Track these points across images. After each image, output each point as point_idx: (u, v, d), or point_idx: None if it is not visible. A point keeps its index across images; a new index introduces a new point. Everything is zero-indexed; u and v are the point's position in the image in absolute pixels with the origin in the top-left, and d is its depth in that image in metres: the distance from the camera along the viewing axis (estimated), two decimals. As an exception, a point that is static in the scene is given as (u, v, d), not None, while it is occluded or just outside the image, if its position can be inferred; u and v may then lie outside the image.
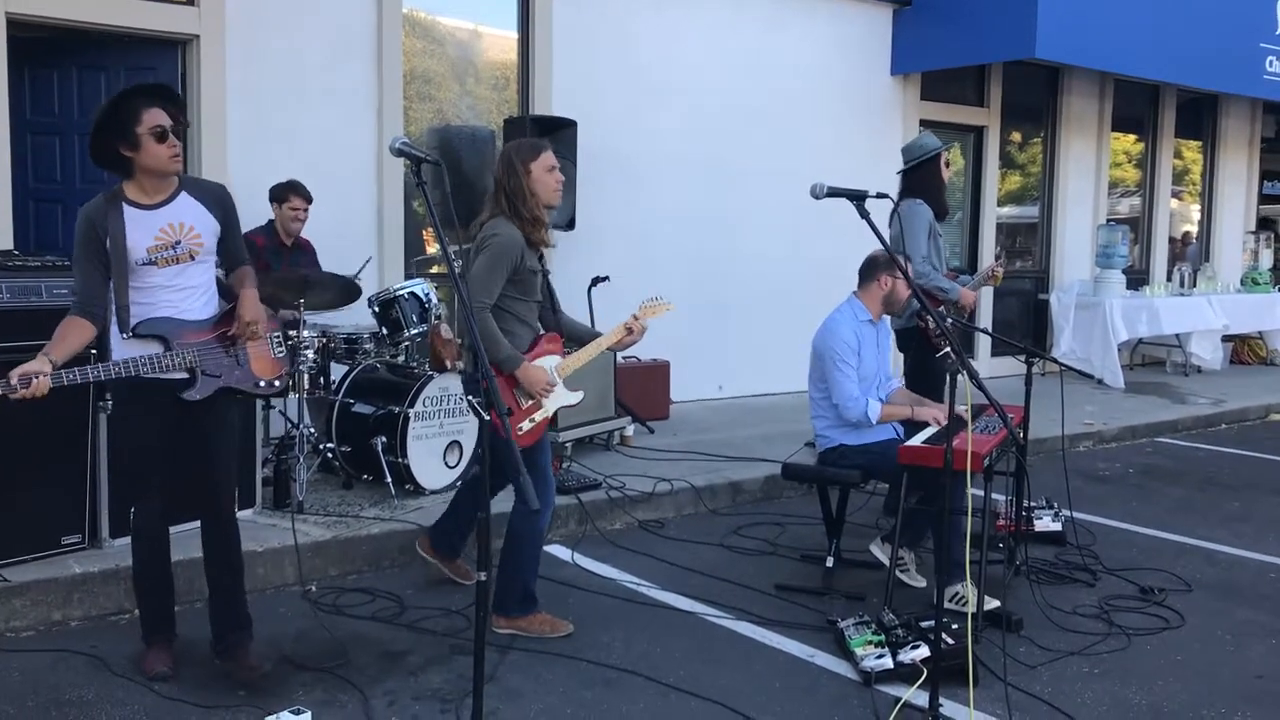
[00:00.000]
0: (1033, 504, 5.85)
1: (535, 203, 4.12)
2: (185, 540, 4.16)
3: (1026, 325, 11.94)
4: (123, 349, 3.56)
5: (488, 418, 2.50)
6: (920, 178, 5.97)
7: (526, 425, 4.16)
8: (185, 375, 3.61)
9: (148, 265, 3.54)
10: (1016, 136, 11.79)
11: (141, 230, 3.51)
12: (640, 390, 7.78)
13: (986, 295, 11.27)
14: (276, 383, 3.90)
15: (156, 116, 3.48)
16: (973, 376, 3.35)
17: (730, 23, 9.02)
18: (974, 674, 3.85)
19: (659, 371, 8.07)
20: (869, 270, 4.94)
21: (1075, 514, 6.15)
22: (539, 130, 7.38)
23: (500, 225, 4.06)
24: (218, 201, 3.73)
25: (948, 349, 3.38)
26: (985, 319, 11.29)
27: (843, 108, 9.84)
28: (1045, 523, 5.71)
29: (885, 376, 5.08)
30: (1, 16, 5.96)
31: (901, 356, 6.03)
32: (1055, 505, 5.83)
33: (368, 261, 6.20)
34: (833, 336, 4.84)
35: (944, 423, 4.67)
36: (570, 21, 8.11)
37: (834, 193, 3.48)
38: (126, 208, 3.51)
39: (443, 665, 4.06)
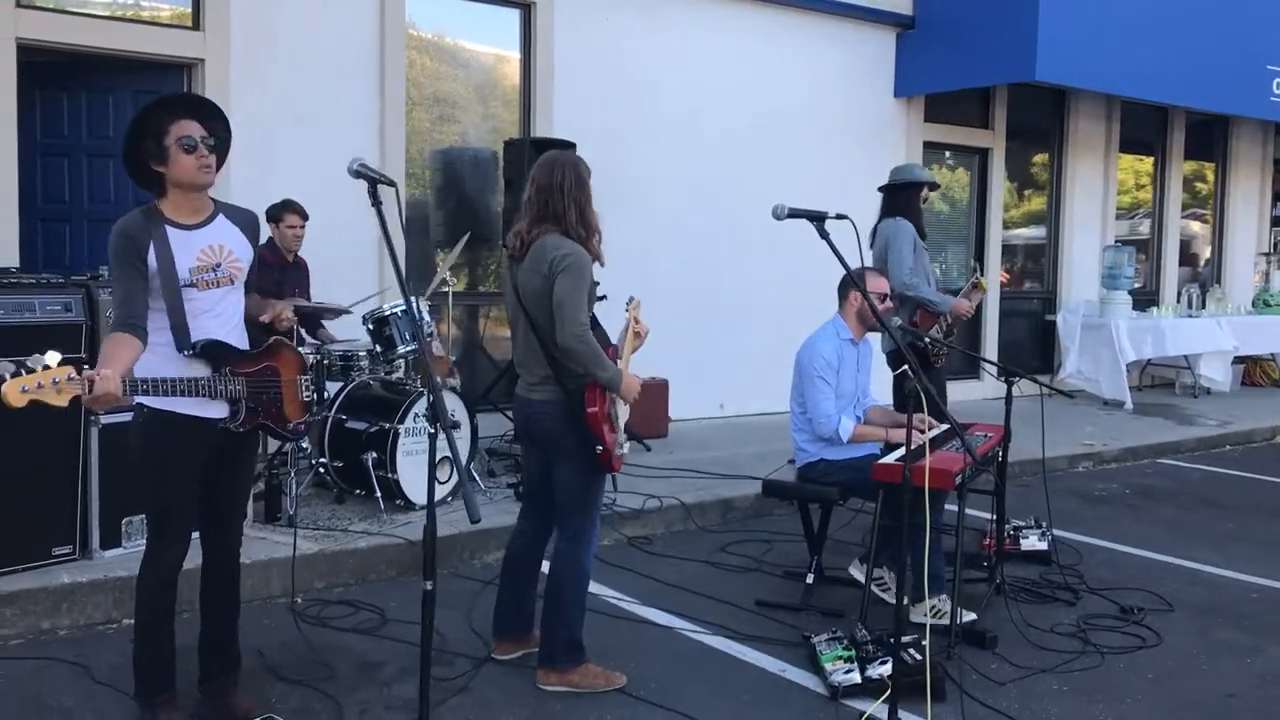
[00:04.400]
0: (1020, 524, 5.89)
1: (595, 216, 4.01)
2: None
3: (1034, 346, 11.95)
4: (174, 369, 3.35)
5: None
6: (905, 199, 6.13)
7: (618, 450, 4.01)
8: (225, 408, 3.47)
9: (188, 288, 3.37)
10: (1023, 158, 11.82)
11: (184, 251, 3.36)
12: (639, 408, 7.75)
13: (992, 316, 11.31)
14: (301, 426, 3.77)
15: (185, 128, 3.34)
16: (929, 395, 3.40)
17: (730, 45, 9.13)
18: (939, 689, 3.92)
19: (658, 390, 8.13)
20: (841, 289, 5.03)
21: (1065, 534, 6.20)
22: (537, 152, 7.46)
23: (566, 243, 3.85)
24: (251, 227, 3.62)
25: (905, 366, 3.43)
26: (991, 339, 11.32)
27: (845, 129, 9.91)
28: (1031, 542, 5.73)
29: (864, 394, 5.13)
30: (13, 42, 6.13)
31: (892, 377, 6.07)
32: (1043, 525, 5.84)
33: (375, 295, 6.30)
34: (813, 352, 4.91)
35: (928, 434, 4.73)
36: (571, 43, 8.24)
37: (795, 214, 3.54)
38: (168, 228, 3.35)
39: (416, 676, 4.09)
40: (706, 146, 8.96)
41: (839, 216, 3.54)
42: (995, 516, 5.13)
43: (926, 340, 5.72)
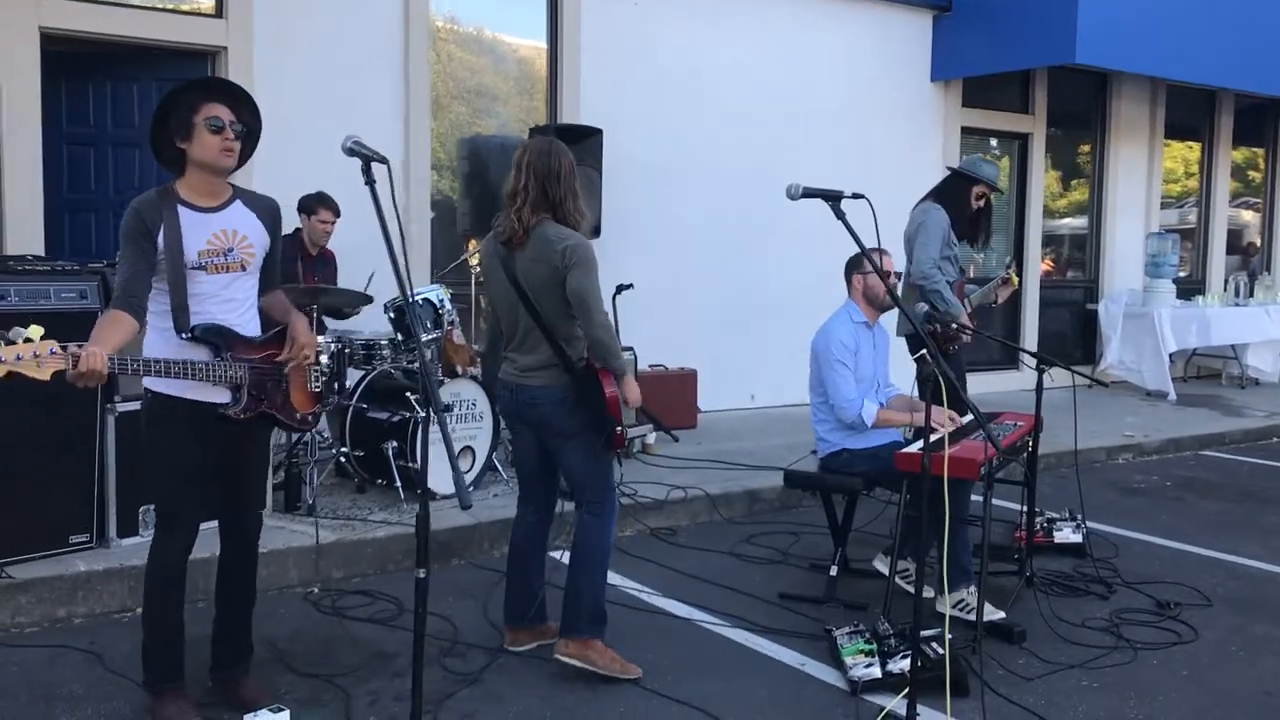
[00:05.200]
0: (1054, 515, 5.73)
1: (580, 204, 3.93)
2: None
3: (1075, 335, 11.72)
4: (173, 352, 3.32)
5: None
6: (954, 189, 5.95)
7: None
8: (229, 393, 3.42)
9: (196, 270, 3.34)
10: (1065, 144, 11.58)
11: (195, 233, 3.33)
12: (667, 398, 7.75)
13: (1032, 305, 11.09)
14: (310, 417, 3.72)
15: (215, 109, 3.32)
16: (948, 380, 3.27)
17: (763, 29, 8.98)
18: (962, 684, 3.80)
19: (686, 380, 8.03)
20: (846, 271, 4.92)
21: (1101, 526, 6.04)
22: (564, 139, 7.39)
23: (567, 232, 3.81)
24: (270, 215, 3.56)
25: (924, 351, 3.31)
26: (1031, 328, 11.11)
27: (880, 115, 9.74)
28: (1065, 534, 5.58)
29: (884, 381, 5.01)
30: (36, 30, 6.13)
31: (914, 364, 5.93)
32: (1078, 517, 5.68)
33: (371, 276, 6.26)
34: (830, 337, 4.80)
35: (948, 428, 4.59)
36: (599, 30, 8.14)
37: (809, 193, 3.43)
38: (181, 208, 3.32)
39: (427, 667, 3.99)
40: (738, 133, 8.82)
41: (855, 196, 3.43)
42: (1025, 507, 4.98)
43: (940, 325, 5.55)
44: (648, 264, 8.24)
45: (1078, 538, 5.55)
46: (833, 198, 3.41)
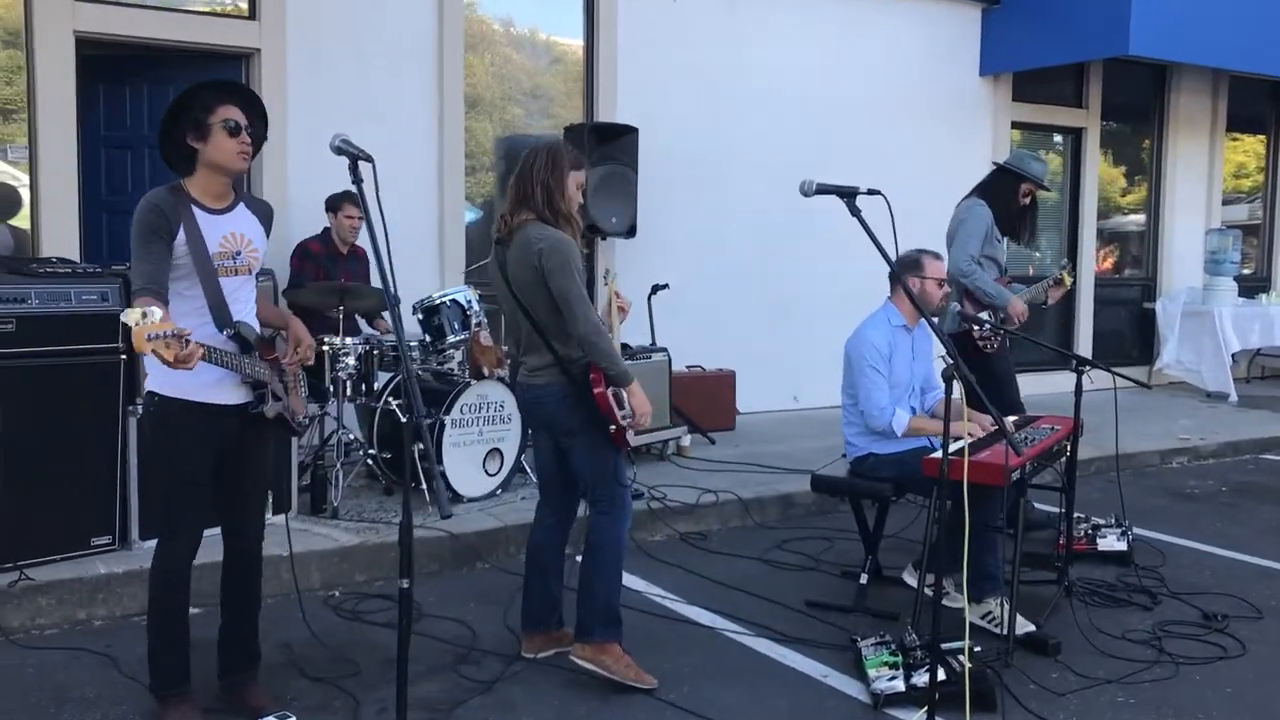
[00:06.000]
0: (1100, 522, 5.54)
1: (570, 203, 3.87)
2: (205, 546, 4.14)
3: (1132, 334, 11.40)
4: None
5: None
6: (999, 185, 5.78)
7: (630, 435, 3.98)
8: (248, 394, 3.43)
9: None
10: (1120, 138, 11.27)
11: (209, 234, 3.33)
12: (704, 400, 7.64)
13: (1087, 304, 10.80)
14: (305, 420, 3.76)
15: (231, 111, 3.33)
16: (967, 383, 3.13)
17: (806, 24, 8.83)
18: (988, 699, 3.65)
19: (724, 381, 7.91)
20: (898, 272, 4.73)
21: (1150, 534, 5.83)
22: (598, 137, 7.34)
23: (545, 231, 3.75)
24: (267, 219, 3.59)
25: (942, 355, 3.17)
26: (1086, 327, 10.82)
27: (927, 110, 9.53)
28: (1109, 541, 5.38)
29: (929, 385, 4.86)
30: (71, 35, 6.18)
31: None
32: (1124, 524, 5.48)
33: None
34: (863, 342, 4.65)
35: (977, 435, 4.44)
36: (636, 26, 8.04)
37: (823, 189, 3.31)
38: (195, 208, 3.31)
39: (441, 674, 4.00)
40: (780, 129, 8.67)
41: (870, 192, 3.30)
42: (1064, 513, 4.80)
43: (978, 325, 5.39)
44: (686, 263, 8.14)
45: (1122, 545, 5.35)
46: (847, 194, 3.29)
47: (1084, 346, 10.74)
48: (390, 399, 5.75)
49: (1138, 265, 11.58)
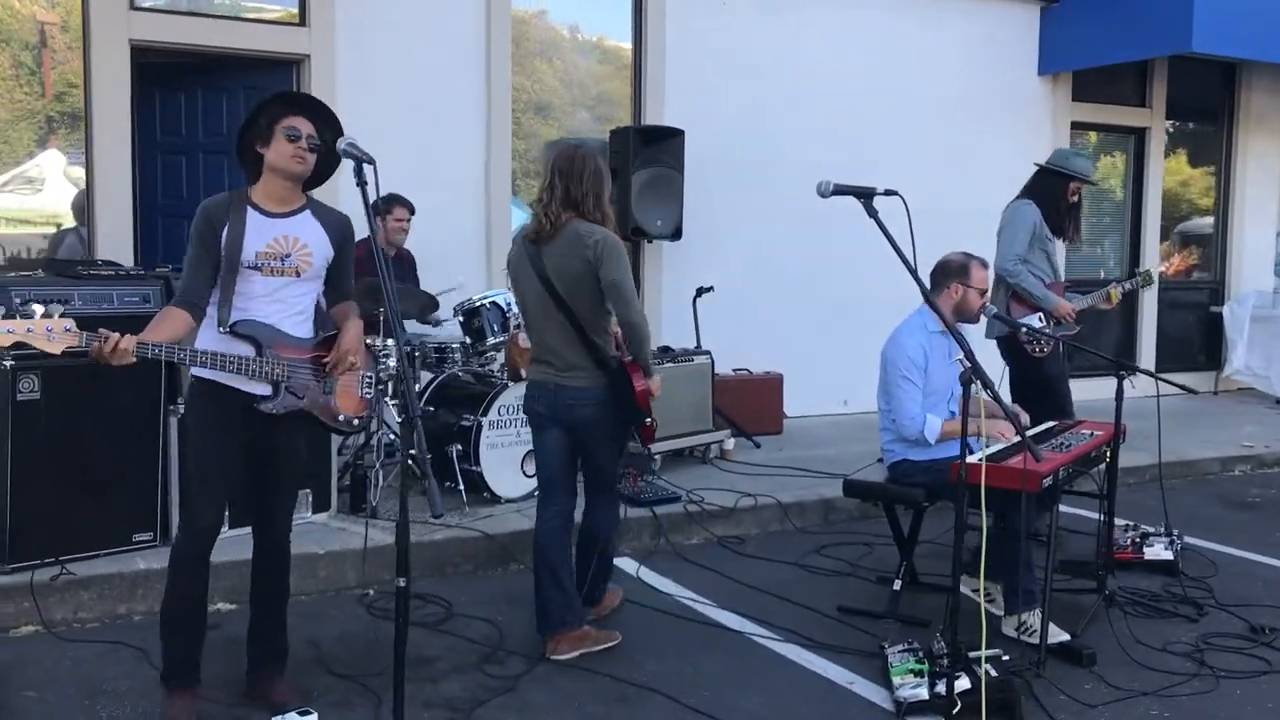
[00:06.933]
0: (1148, 530, 5.40)
1: (610, 209, 4.11)
2: (239, 544, 4.22)
3: (1199, 339, 11.09)
4: (213, 344, 3.44)
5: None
6: (1046, 185, 5.68)
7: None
8: (268, 387, 3.49)
9: (252, 270, 3.45)
10: (1186, 138, 10.99)
11: (257, 234, 3.47)
12: (750, 403, 7.59)
13: (1151, 308, 10.54)
14: (356, 421, 3.79)
15: (295, 121, 3.50)
16: (987, 386, 3.07)
17: (856, 24, 8.73)
18: (1013, 710, 3.57)
19: (770, 384, 7.85)
20: (939, 277, 4.66)
21: (1202, 543, 5.68)
22: (643, 140, 7.33)
23: (595, 227, 3.97)
24: (338, 229, 3.69)
25: (959, 356, 3.12)
26: (1149, 332, 10.56)
27: (983, 110, 9.37)
28: (1156, 550, 5.24)
29: (972, 387, 4.78)
30: (126, 44, 6.34)
31: (1006, 370, 5.66)
32: (1173, 532, 5.34)
33: (454, 288, 6.34)
34: (898, 349, 4.59)
35: (1009, 438, 4.36)
36: (684, 29, 8.01)
37: (840, 190, 3.28)
38: (249, 210, 3.48)
39: (466, 674, 4.03)
40: (832, 131, 8.57)
41: (888, 192, 3.25)
42: (1103, 520, 4.69)
43: (1015, 329, 5.29)
44: (732, 266, 8.10)
45: (1169, 554, 5.21)
46: (864, 195, 3.25)
47: (1148, 351, 10.48)
48: (430, 404, 5.81)
49: (1205, 268, 11.28)
